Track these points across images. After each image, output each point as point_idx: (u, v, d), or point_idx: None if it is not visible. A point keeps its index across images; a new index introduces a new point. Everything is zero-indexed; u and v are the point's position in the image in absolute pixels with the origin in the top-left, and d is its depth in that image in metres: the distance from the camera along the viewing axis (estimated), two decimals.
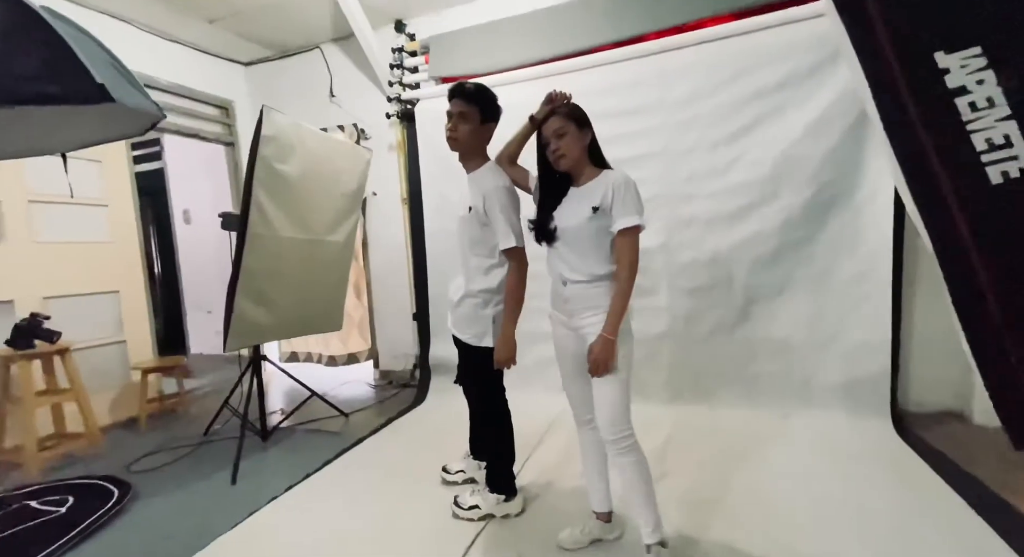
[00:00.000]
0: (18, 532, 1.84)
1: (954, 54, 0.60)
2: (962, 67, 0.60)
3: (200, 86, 3.61)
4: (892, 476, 1.90)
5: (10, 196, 2.60)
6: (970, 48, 0.59)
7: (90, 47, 1.23)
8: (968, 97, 0.60)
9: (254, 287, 2.19)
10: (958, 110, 0.60)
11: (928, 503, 1.70)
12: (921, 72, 0.61)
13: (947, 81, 0.60)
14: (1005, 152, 0.59)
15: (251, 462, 2.39)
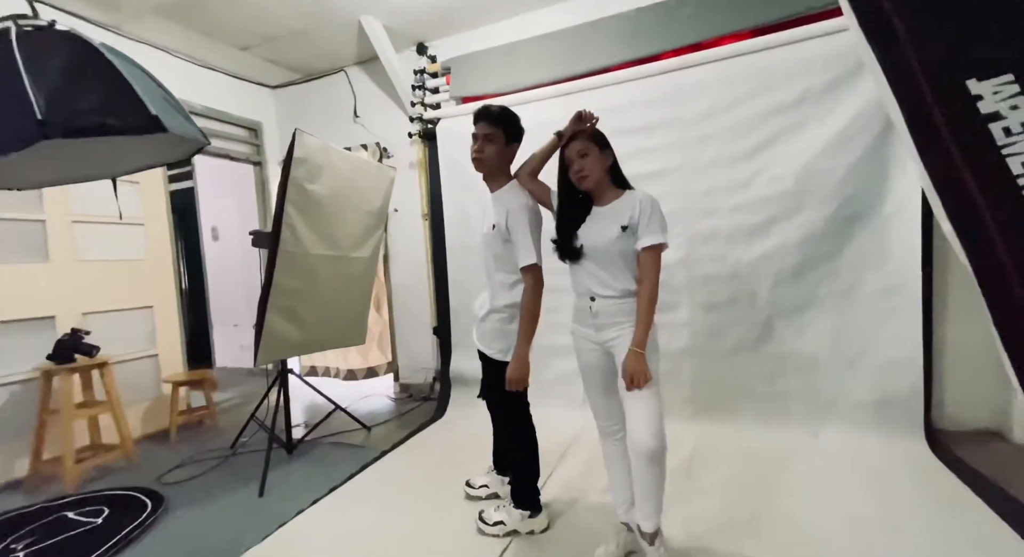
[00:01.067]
0: (57, 543, 1.91)
1: (986, 81, 0.61)
2: (995, 94, 0.61)
3: (231, 109, 3.77)
4: (928, 497, 1.84)
5: (55, 217, 2.74)
6: (1002, 76, 0.61)
7: (144, 80, 1.31)
8: (1002, 123, 0.61)
9: (284, 303, 2.26)
10: (992, 136, 0.62)
11: (968, 526, 1.65)
12: (954, 99, 0.63)
13: (980, 107, 0.61)
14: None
15: (278, 475, 2.43)
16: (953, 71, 0.63)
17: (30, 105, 1.04)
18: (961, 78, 0.62)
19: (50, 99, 1.07)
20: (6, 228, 2.56)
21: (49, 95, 1.08)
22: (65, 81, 1.12)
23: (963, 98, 0.62)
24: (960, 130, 0.63)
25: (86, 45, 1.20)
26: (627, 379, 1.41)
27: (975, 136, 0.62)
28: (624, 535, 1.61)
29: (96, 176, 1.52)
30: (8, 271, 2.54)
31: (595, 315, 1.53)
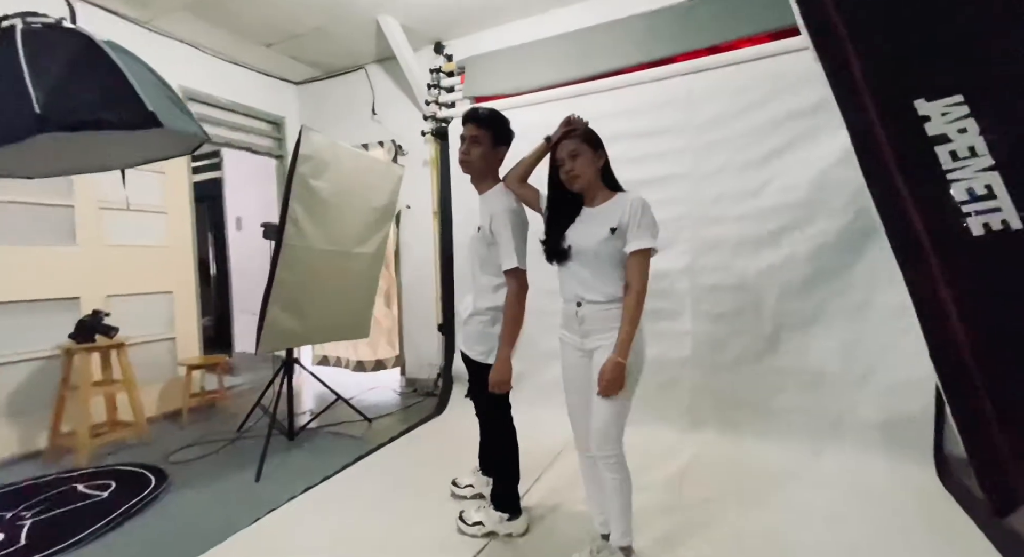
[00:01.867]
0: (64, 513, 2.02)
1: (935, 101, 0.57)
2: (943, 115, 0.57)
3: (255, 103, 3.89)
4: (928, 527, 1.75)
5: (84, 203, 2.89)
6: (952, 96, 0.56)
7: (146, 77, 1.37)
8: (949, 146, 0.57)
9: (286, 296, 2.32)
10: (938, 159, 0.57)
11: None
12: (900, 119, 0.59)
13: (927, 129, 0.57)
14: (987, 204, 0.56)
15: (276, 461, 2.50)
16: (901, 91, 0.59)
17: (29, 99, 1.10)
18: (909, 98, 0.58)
19: (49, 94, 1.13)
20: (38, 212, 2.72)
21: (49, 90, 1.13)
22: (65, 76, 1.18)
23: (910, 119, 0.58)
24: (904, 152, 0.59)
25: (89, 42, 1.26)
26: (600, 384, 1.39)
27: (920, 159, 0.58)
28: (599, 543, 1.59)
29: (101, 167, 1.59)
30: (38, 253, 2.70)
31: (581, 321, 1.50)
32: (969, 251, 0.56)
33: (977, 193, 0.56)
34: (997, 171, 0.55)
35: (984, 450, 0.58)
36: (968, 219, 0.57)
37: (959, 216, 0.57)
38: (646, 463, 2.22)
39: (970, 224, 0.57)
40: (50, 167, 1.50)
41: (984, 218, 0.56)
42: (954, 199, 0.57)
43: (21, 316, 2.65)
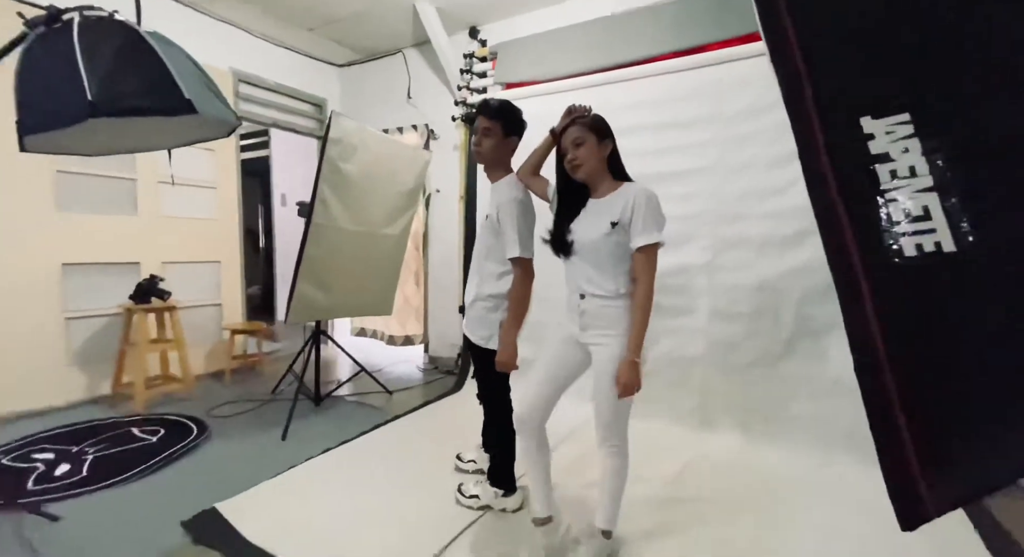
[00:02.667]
0: (120, 452, 2.30)
1: (881, 119, 0.57)
2: (887, 133, 0.56)
3: (299, 85, 4.07)
4: (930, 547, 1.69)
5: (144, 177, 3.16)
6: (899, 115, 0.56)
7: (185, 66, 1.49)
8: (890, 165, 0.56)
9: (314, 271, 2.48)
10: (878, 177, 0.57)
11: None
12: (844, 135, 0.58)
13: (871, 147, 0.57)
14: (922, 224, 0.55)
15: (302, 423, 2.71)
16: (848, 107, 0.58)
17: (83, 87, 1.24)
18: (856, 115, 0.58)
19: (100, 82, 1.27)
20: (104, 184, 3.01)
21: (99, 79, 1.27)
22: (114, 66, 1.31)
23: (854, 135, 0.58)
24: (843, 169, 0.59)
25: (134, 33, 1.39)
26: (619, 388, 1.38)
27: (859, 177, 0.58)
28: None
29: (148, 148, 1.77)
30: (105, 221, 3.00)
31: (582, 313, 1.49)
32: (898, 272, 0.56)
33: (913, 214, 0.56)
34: (935, 192, 0.55)
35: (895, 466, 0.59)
36: (902, 239, 0.56)
37: (892, 236, 0.57)
38: (648, 457, 2.23)
39: (903, 244, 0.56)
40: (104, 146, 1.68)
41: (917, 239, 0.56)
42: (890, 218, 0.57)
43: (91, 277, 2.97)
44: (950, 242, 0.54)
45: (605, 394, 1.45)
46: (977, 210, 0.53)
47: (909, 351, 0.58)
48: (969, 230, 0.53)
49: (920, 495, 0.58)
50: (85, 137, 1.48)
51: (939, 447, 0.57)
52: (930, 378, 0.57)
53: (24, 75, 1.33)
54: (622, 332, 1.42)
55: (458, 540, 1.69)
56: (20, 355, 2.68)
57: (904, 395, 0.57)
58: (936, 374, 0.57)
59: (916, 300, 0.57)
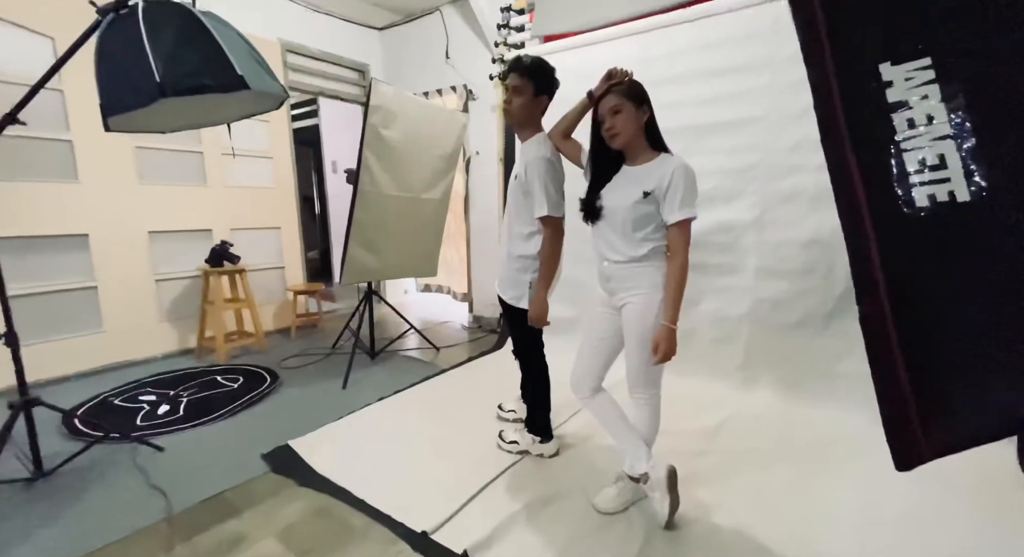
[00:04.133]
0: (208, 395, 2.64)
1: (901, 65, 0.54)
2: (907, 80, 0.54)
3: (342, 51, 4.14)
4: (982, 508, 1.65)
5: (210, 150, 3.41)
6: (920, 59, 0.53)
7: (236, 43, 1.59)
8: (907, 113, 0.54)
9: (363, 236, 2.63)
10: (894, 126, 0.55)
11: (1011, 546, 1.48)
12: (861, 84, 0.56)
13: (888, 95, 0.55)
14: (937, 174, 0.54)
15: (360, 374, 2.97)
16: (867, 53, 0.56)
17: (151, 69, 1.37)
18: (874, 61, 0.56)
19: (164, 64, 1.40)
20: (176, 158, 3.29)
21: (164, 60, 1.40)
22: (175, 47, 1.43)
23: (871, 83, 0.56)
24: (857, 118, 0.57)
25: (191, 15, 1.50)
26: (654, 351, 1.42)
27: (873, 125, 0.57)
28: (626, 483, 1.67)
29: (210, 123, 1.92)
30: (180, 191, 3.30)
31: (607, 279, 1.55)
32: (907, 223, 0.56)
33: (929, 163, 0.54)
34: (953, 140, 0.53)
35: (894, 410, 0.60)
36: (914, 190, 0.56)
37: (904, 187, 0.56)
38: (687, 412, 2.27)
39: (915, 195, 0.56)
40: (174, 123, 1.85)
41: (931, 189, 0.54)
42: (903, 168, 0.56)
43: (173, 243, 3.31)
44: (964, 192, 0.53)
45: (634, 349, 1.51)
46: (994, 159, 0.52)
47: (912, 304, 0.58)
48: (983, 180, 0.52)
49: (915, 440, 0.60)
50: (157, 116, 1.64)
51: (936, 397, 0.59)
52: (931, 330, 0.58)
53: (101, 60, 1.48)
54: (647, 289, 1.47)
55: (499, 479, 1.85)
56: (124, 312, 3.09)
57: (905, 347, 0.58)
58: (938, 326, 0.58)
59: (923, 252, 0.57)
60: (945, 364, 0.58)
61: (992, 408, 0.57)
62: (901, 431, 0.61)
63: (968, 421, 0.58)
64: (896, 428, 0.62)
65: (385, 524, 1.59)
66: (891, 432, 0.63)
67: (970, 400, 0.58)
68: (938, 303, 0.57)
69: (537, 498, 1.72)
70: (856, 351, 2.27)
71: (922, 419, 0.59)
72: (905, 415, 0.60)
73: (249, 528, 1.59)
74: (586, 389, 1.66)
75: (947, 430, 0.59)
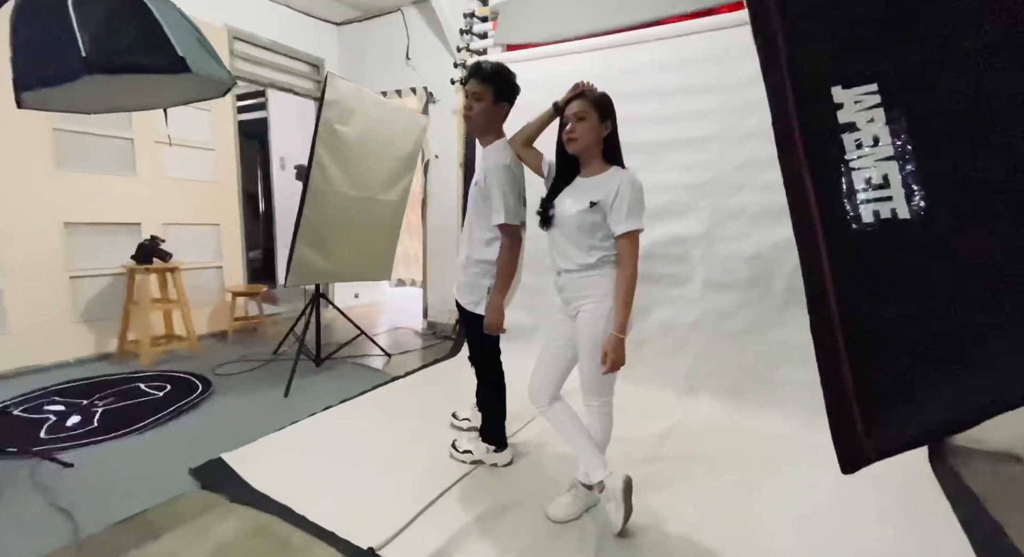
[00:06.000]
0: (127, 405, 2.40)
1: (850, 89, 0.59)
2: (856, 103, 0.58)
3: (296, 44, 3.97)
4: (901, 506, 1.79)
5: (142, 137, 3.14)
6: (867, 85, 0.58)
7: (178, 23, 1.47)
8: (855, 134, 0.59)
9: (313, 235, 2.51)
10: (843, 146, 0.60)
11: (929, 541, 1.60)
12: (815, 104, 0.61)
13: (839, 116, 0.59)
14: (881, 192, 0.59)
15: (304, 382, 2.81)
16: (821, 76, 0.61)
17: (77, 44, 1.24)
18: (827, 84, 0.60)
19: (94, 39, 1.27)
20: (102, 143, 3.00)
21: (93, 35, 1.27)
22: (107, 23, 1.30)
23: (824, 104, 0.60)
24: (811, 137, 0.61)
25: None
26: (603, 361, 1.44)
27: (826, 145, 0.61)
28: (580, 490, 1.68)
29: (144, 107, 1.77)
30: (104, 181, 3.01)
31: (561, 289, 1.58)
32: (854, 238, 0.60)
33: (874, 182, 0.59)
34: (895, 161, 0.57)
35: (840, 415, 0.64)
36: (861, 206, 0.60)
37: (852, 203, 0.60)
38: (636, 419, 2.31)
39: (862, 211, 0.60)
40: (101, 104, 1.68)
41: (875, 206, 0.59)
42: (851, 186, 0.60)
43: (94, 236, 3.01)
44: (904, 209, 0.58)
45: (586, 358, 1.53)
46: (929, 180, 0.57)
47: (858, 312, 0.62)
48: (921, 199, 0.57)
49: (859, 442, 0.64)
50: (81, 95, 1.48)
51: (879, 402, 0.63)
52: (874, 338, 0.62)
53: (18, 30, 1.32)
54: (598, 298, 1.49)
55: (451, 490, 1.80)
56: (29, 311, 2.75)
57: (851, 352, 0.62)
58: (880, 334, 0.62)
59: (868, 265, 0.61)
60: (887, 371, 0.62)
61: (930, 412, 0.61)
62: (847, 435, 0.65)
63: (909, 425, 0.63)
64: (842, 432, 0.65)
65: (328, 541, 1.50)
66: (837, 436, 0.67)
67: (910, 405, 0.62)
68: (882, 313, 0.62)
69: (491, 508, 1.69)
70: (793, 359, 2.46)
71: (866, 424, 0.63)
72: (850, 420, 0.64)
73: (173, 550, 1.44)
74: (544, 398, 1.65)
75: (889, 433, 0.64)
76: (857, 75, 0.59)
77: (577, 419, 1.65)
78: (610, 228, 1.46)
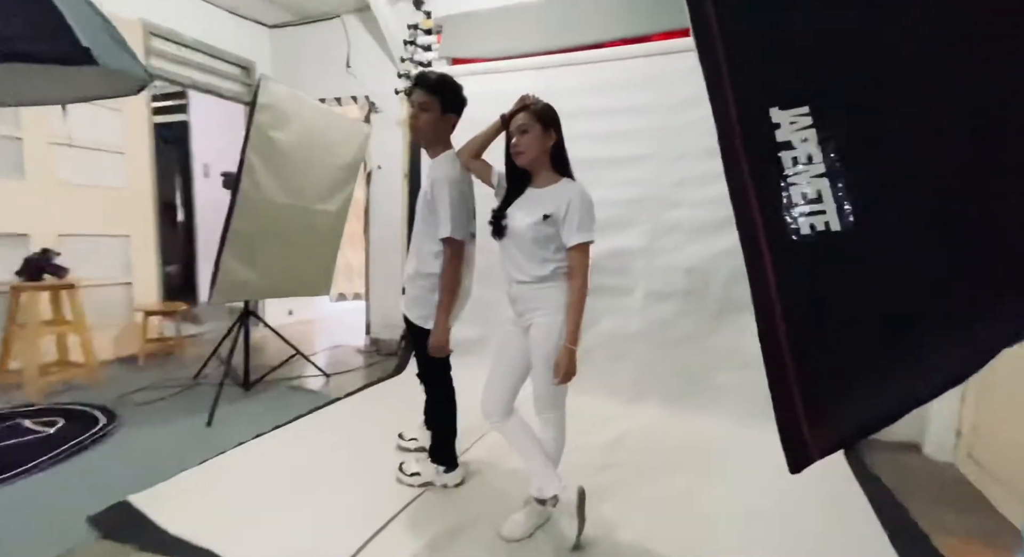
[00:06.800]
0: (7, 446, 2.04)
1: (786, 111, 0.63)
2: (791, 123, 0.64)
3: (224, 45, 3.71)
4: (824, 497, 1.92)
5: (32, 136, 2.76)
6: (800, 107, 0.63)
7: (83, 12, 1.31)
8: (792, 152, 0.64)
9: (242, 247, 2.31)
10: (782, 163, 0.64)
11: (849, 527, 1.74)
12: (756, 124, 0.65)
13: (777, 135, 0.64)
14: (816, 206, 0.64)
15: (230, 409, 2.55)
16: (760, 98, 0.65)
17: None
18: (766, 106, 0.64)
19: None
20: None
21: None
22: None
23: (764, 124, 0.64)
24: (754, 154, 0.65)
25: None
26: (556, 373, 1.45)
27: (767, 162, 0.65)
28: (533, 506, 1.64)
29: (38, 101, 1.54)
30: None
31: (514, 300, 1.57)
32: (795, 247, 0.64)
33: (809, 197, 0.64)
34: (827, 178, 0.63)
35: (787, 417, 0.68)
36: (799, 219, 0.64)
37: (792, 216, 0.64)
38: (585, 429, 2.33)
39: (800, 223, 0.64)
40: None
41: (811, 219, 0.64)
42: (790, 200, 0.64)
43: None
44: (836, 222, 0.63)
45: (540, 370, 1.53)
46: (857, 195, 0.62)
47: (800, 319, 0.66)
48: (851, 212, 0.62)
49: (805, 441, 0.67)
50: None
51: (820, 402, 0.67)
52: (814, 343, 0.67)
53: None
54: (551, 309, 1.50)
55: (399, 517, 1.69)
56: None
57: (795, 358, 0.66)
58: (819, 339, 0.67)
59: (807, 274, 0.65)
60: (827, 375, 0.67)
61: (864, 410, 0.66)
62: (794, 438, 0.68)
63: (846, 423, 0.68)
64: (790, 435, 0.68)
65: None
66: (786, 439, 0.70)
67: (848, 405, 0.67)
68: (821, 321, 0.66)
69: (443, 532, 1.60)
70: (729, 363, 2.60)
71: (810, 426, 0.66)
72: (797, 424, 0.67)
73: None
74: (499, 412, 1.61)
75: (831, 432, 0.68)
76: (791, 98, 0.64)
77: (532, 433, 1.62)
78: (562, 240, 1.47)
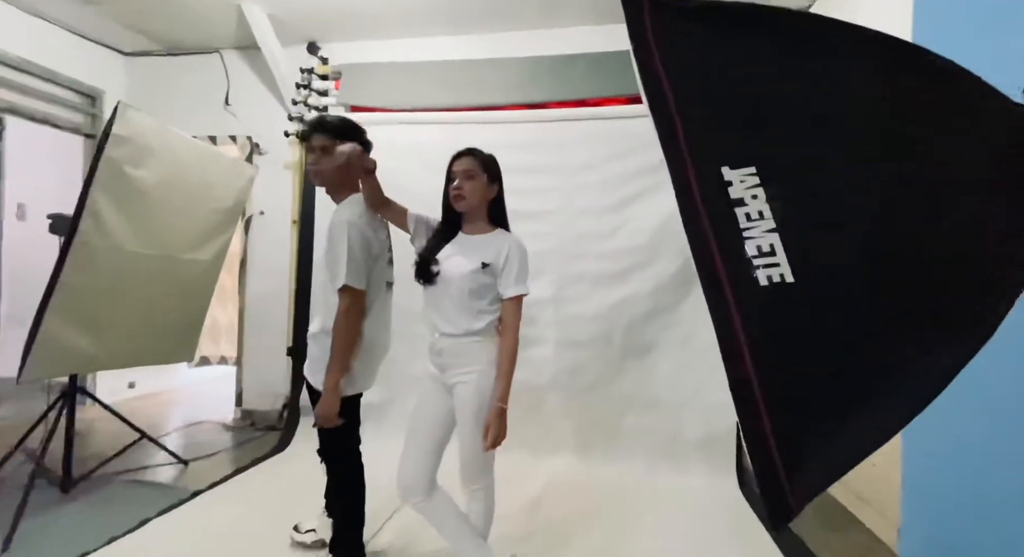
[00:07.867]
0: None
1: (736, 170, 0.70)
2: (741, 182, 0.71)
3: (62, 68, 3.15)
4: (729, 532, 2.06)
5: None
6: (748, 167, 0.70)
7: None
8: (745, 208, 0.70)
9: (76, 307, 1.84)
10: (737, 219, 0.70)
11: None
12: (711, 181, 0.71)
13: (730, 192, 0.70)
14: (770, 259, 0.70)
15: (42, 520, 1.94)
16: (712, 157, 0.71)
17: None
18: (718, 165, 0.70)
19: None
20: None
21: None
22: None
23: (718, 182, 0.69)
24: (712, 209, 0.70)
25: None
26: (487, 437, 1.35)
27: (724, 217, 0.70)
28: None
29: None
30: None
31: (439, 353, 1.46)
32: (757, 298, 0.68)
33: (763, 250, 0.69)
34: (777, 233, 0.69)
35: (766, 469, 0.69)
36: (757, 271, 0.69)
37: (750, 268, 0.69)
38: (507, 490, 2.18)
39: (758, 275, 0.69)
40: None
41: (768, 271, 0.70)
42: (747, 254, 0.69)
43: None
44: (789, 274, 0.68)
45: (468, 432, 1.42)
46: (803, 248, 0.68)
47: (769, 368, 0.69)
48: (799, 264, 0.68)
49: (786, 495, 0.68)
50: None
51: (795, 454, 0.68)
52: (784, 393, 0.69)
53: None
54: (483, 366, 1.42)
55: None
56: None
57: (769, 410, 0.67)
58: (787, 389, 0.70)
59: (770, 324, 0.69)
60: (798, 424, 0.69)
61: (832, 457, 0.69)
62: (775, 490, 0.68)
63: (818, 471, 0.70)
64: (770, 488, 0.69)
65: None
66: (766, 492, 0.70)
67: (818, 454, 0.69)
68: (787, 370, 0.70)
69: None
70: (634, 407, 2.72)
71: (788, 477, 0.67)
72: (776, 475, 0.68)
73: None
74: (421, 490, 1.43)
75: (806, 482, 0.69)
76: (740, 158, 0.70)
77: (458, 509, 1.47)
78: (499, 291, 1.43)
